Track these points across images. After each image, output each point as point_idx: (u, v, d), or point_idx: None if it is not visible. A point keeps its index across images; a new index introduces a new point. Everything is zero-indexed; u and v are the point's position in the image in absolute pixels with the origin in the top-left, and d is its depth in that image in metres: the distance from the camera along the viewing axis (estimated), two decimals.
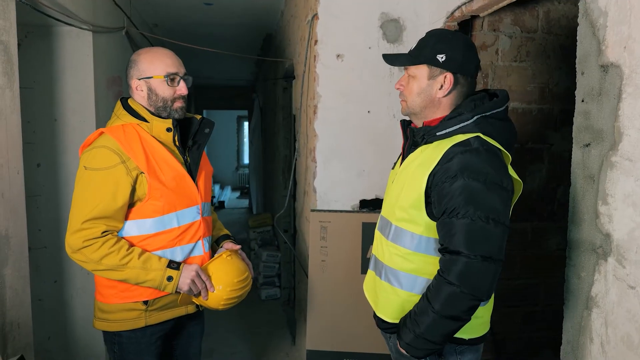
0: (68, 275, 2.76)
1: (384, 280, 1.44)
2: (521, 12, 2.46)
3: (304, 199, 2.80)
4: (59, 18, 2.31)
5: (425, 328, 1.28)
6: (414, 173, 1.37)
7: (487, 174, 1.26)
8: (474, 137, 1.32)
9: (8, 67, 1.72)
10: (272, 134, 5.07)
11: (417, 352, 1.33)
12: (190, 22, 4.40)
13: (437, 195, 1.30)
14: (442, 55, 1.36)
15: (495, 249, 1.25)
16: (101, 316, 1.61)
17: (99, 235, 1.47)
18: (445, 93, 1.39)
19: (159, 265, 1.51)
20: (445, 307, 1.26)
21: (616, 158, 1.19)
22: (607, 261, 1.23)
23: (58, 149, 2.68)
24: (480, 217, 1.24)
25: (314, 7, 2.35)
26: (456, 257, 1.25)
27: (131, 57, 1.64)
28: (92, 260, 1.47)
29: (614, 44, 1.20)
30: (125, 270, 1.48)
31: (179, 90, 1.60)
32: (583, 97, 1.31)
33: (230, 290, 1.59)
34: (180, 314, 1.66)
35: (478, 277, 1.25)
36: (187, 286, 1.54)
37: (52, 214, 2.70)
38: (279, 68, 4.30)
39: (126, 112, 1.60)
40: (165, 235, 1.56)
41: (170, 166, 1.57)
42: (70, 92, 2.67)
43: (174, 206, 1.57)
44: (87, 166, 1.51)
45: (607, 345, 1.23)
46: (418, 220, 1.36)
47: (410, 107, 1.44)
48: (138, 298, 1.56)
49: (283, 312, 4.18)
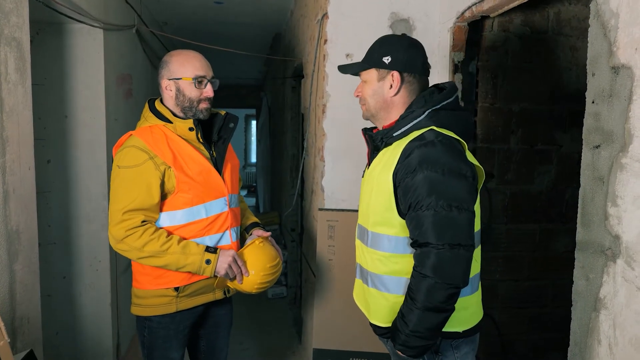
0: (77, 272, 2.78)
1: (371, 287, 1.47)
2: (531, 13, 2.45)
3: (311, 197, 2.81)
4: (71, 15, 2.33)
5: (413, 325, 1.31)
6: (379, 176, 1.41)
7: (445, 164, 1.30)
8: (428, 130, 1.37)
9: (20, 64, 1.74)
10: (280, 133, 5.08)
11: (412, 351, 1.35)
12: (200, 20, 4.42)
13: (402, 192, 1.34)
14: (388, 57, 1.44)
15: (462, 236, 1.29)
16: (136, 302, 1.73)
17: (139, 225, 1.59)
18: (395, 92, 1.45)
19: (197, 249, 1.63)
20: (427, 301, 1.28)
21: (626, 160, 1.19)
22: (616, 263, 1.22)
23: (68, 146, 2.71)
24: (443, 206, 1.28)
25: (324, 7, 2.36)
26: (427, 250, 1.29)
27: (163, 58, 1.74)
28: (135, 248, 1.58)
29: (625, 46, 1.19)
30: (166, 256, 1.59)
31: (205, 93, 1.71)
32: (593, 99, 1.31)
33: (263, 274, 1.70)
34: (208, 299, 1.77)
35: (450, 265, 1.28)
36: (224, 270, 1.64)
37: (61, 210, 2.73)
38: (287, 67, 4.30)
39: (152, 115, 1.72)
40: (194, 226, 1.67)
41: (196, 161, 1.68)
42: (81, 89, 2.70)
43: (202, 198, 1.68)
44: (119, 165, 1.64)
45: (615, 347, 1.23)
46: (392, 221, 1.39)
47: (368, 110, 1.51)
48: (170, 284, 1.68)
49: (289, 311, 4.19)
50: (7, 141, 1.65)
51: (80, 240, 2.77)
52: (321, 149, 2.39)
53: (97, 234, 2.78)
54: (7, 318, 1.61)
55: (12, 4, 1.69)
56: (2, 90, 1.62)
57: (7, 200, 1.64)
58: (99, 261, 2.80)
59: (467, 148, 1.41)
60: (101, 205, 2.77)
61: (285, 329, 3.81)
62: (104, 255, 2.80)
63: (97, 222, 2.78)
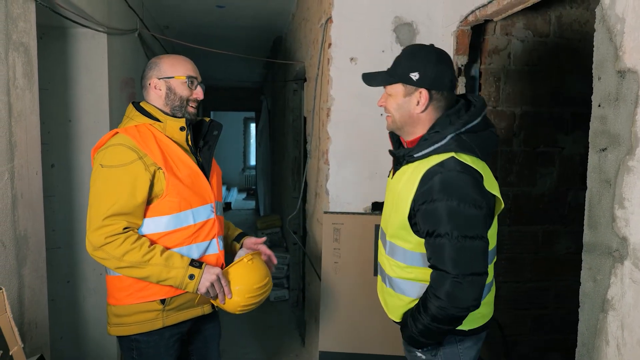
0: (81, 276, 2.78)
1: (389, 287, 1.52)
2: (533, 17, 2.47)
3: (315, 200, 2.82)
4: (76, 20, 2.34)
5: (421, 328, 1.38)
6: (399, 194, 1.43)
7: (461, 195, 1.31)
8: (448, 158, 1.35)
9: (28, 69, 1.75)
10: (281, 136, 5.09)
11: (417, 344, 1.44)
12: (201, 24, 4.43)
13: (421, 217, 1.36)
14: (415, 73, 1.40)
15: (477, 265, 1.33)
16: (116, 321, 1.60)
17: (120, 232, 1.48)
18: (422, 109, 1.42)
19: (181, 262, 1.51)
20: (436, 319, 1.34)
21: (633, 162, 1.20)
22: (623, 264, 1.24)
23: (72, 150, 2.72)
24: (459, 236, 1.31)
25: (327, 11, 2.37)
26: (443, 276, 1.32)
27: (151, 60, 1.69)
28: (114, 257, 1.47)
29: (631, 50, 1.21)
30: (147, 267, 1.48)
31: (196, 94, 1.67)
32: (600, 102, 1.32)
33: (248, 296, 1.59)
34: (197, 314, 1.67)
35: (464, 293, 1.32)
36: (205, 288, 1.53)
37: (66, 215, 2.73)
38: (289, 70, 4.32)
39: (139, 113, 1.63)
40: (181, 233, 1.57)
41: (185, 164, 1.60)
42: (85, 94, 2.71)
43: (189, 203, 1.58)
44: (103, 164, 1.52)
45: (623, 348, 1.24)
46: (408, 238, 1.42)
47: (394, 123, 1.49)
48: (154, 297, 1.56)
49: (292, 314, 4.19)
50: (16, 146, 1.65)
51: (84, 244, 2.75)
52: (326, 152, 2.40)
53: None
54: (16, 323, 1.61)
55: (20, 9, 1.70)
56: (11, 96, 1.62)
57: (16, 205, 1.65)
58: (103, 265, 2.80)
59: (489, 171, 1.41)
60: None
61: (287, 332, 3.81)
62: None
63: None
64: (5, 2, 1.60)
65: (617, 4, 1.25)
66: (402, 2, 2.32)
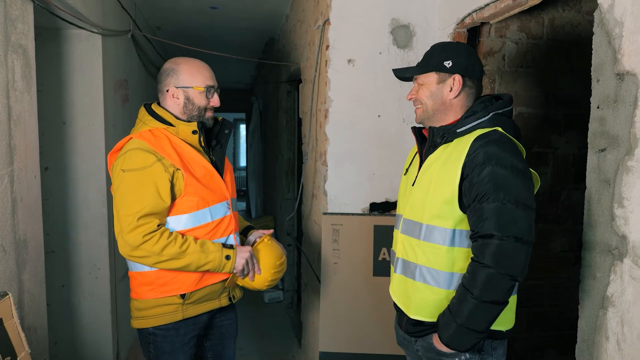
0: (76, 280, 2.76)
1: (419, 281, 1.47)
2: (527, 19, 2.50)
3: (312, 202, 2.83)
4: (72, 21, 2.32)
5: (467, 317, 1.32)
6: (440, 171, 1.44)
7: (511, 162, 1.35)
8: (493, 129, 1.41)
9: (27, 71, 1.74)
10: (274, 137, 5.09)
11: (461, 344, 1.36)
12: (194, 25, 4.42)
13: (468, 184, 1.37)
14: (449, 62, 1.48)
15: (525, 230, 1.32)
16: (138, 314, 1.68)
17: (155, 229, 1.55)
18: (455, 94, 1.49)
19: (215, 247, 1.62)
20: (484, 291, 1.30)
21: (632, 163, 1.23)
22: (623, 262, 1.27)
23: (66, 153, 2.69)
24: (510, 200, 1.32)
25: (325, 13, 2.38)
26: (488, 241, 1.31)
27: (168, 66, 1.71)
28: (154, 253, 1.54)
29: (630, 53, 1.23)
30: (186, 257, 1.56)
31: (213, 102, 1.73)
32: (598, 104, 1.35)
33: (273, 272, 1.73)
34: (214, 307, 1.74)
35: (512, 257, 1.31)
36: (242, 265, 1.65)
37: (60, 218, 2.71)
38: (282, 72, 4.32)
39: (152, 118, 1.68)
40: (200, 230, 1.65)
41: (200, 164, 1.66)
42: (79, 96, 2.69)
43: (207, 202, 1.65)
44: (124, 169, 1.57)
45: (623, 343, 1.27)
46: (449, 214, 1.42)
47: (425, 112, 1.53)
48: (176, 292, 1.64)
49: (287, 315, 4.20)
50: (15, 149, 1.64)
51: (79, 248, 2.75)
52: (324, 154, 2.41)
53: (96, 241, 2.77)
54: None
55: (18, 11, 1.69)
56: (10, 98, 1.61)
57: (15, 209, 1.63)
58: (98, 269, 2.78)
59: (525, 154, 1.45)
60: (100, 212, 2.76)
61: (283, 333, 3.82)
62: (103, 263, 2.79)
63: (96, 229, 2.76)
64: (4, 3, 1.58)
65: (615, 8, 1.28)
66: (399, 5, 2.34)
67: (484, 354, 1.44)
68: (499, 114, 1.45)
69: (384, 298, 2.18)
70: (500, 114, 1.45)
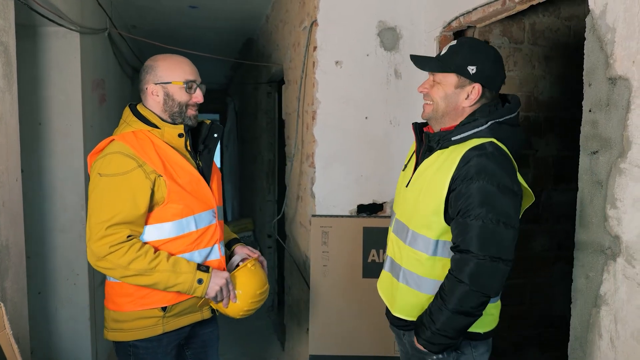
0: (52, 287, 2.66)
1: (402, 282, 1.49)
2: (509, 24, 2.56)
3: (297, 204, 2.81)
4: (52, 18, 2.24)
5: (440, 325, 1.35)
6: (432, 179, 1.42)
7: (501, 179, 1.33)
8: (488, 142, 1.38)
9: (8, 70, 1.67)
10: (253, 138, 5.04)
11: (434, 347, 1.40)
12: (171, 24, 4.34)
13: (454, 197, 1.36)
14: (473, 67, 1.40)
15: (504, 250, 1.33)
16: (114, 326, 1.57)
17: (124, 240, 1.46)
18: (471, 103, 1.44)
19: (188, 267, 1.51)
20: (458, 305, 1.33)
21: (625, 165, 1.27)
22: (616, 261, 1.30)
23: (43, 155, 2.59)
24: (492, 219, 1.32)
25: (312, 14, 2.37)
26: (467, 257, 1.32)
27: (146, 63, 1.64)
28: (119, 266, 1.44)
29: (622, 58, 1.27)
30: (154, 274, 1.46)
31: (195, 98, 1.62)
32: (590, 107, 1.39)
33: (251, 301, 1.61)
34: (196, 319, 1.65)
35: (487, 276, 1.32)
36: (214, 292, 1.53)
37: (36, 222, 2.60)
38: (262, 72, 4.29)
39: (136, 119, 1.59)
40: (183, 240, 1.56)
41: (185, 170, 1.58)
42: (56, 95, 2.59)
43: (192, 209, 1.57)
44: (102, 173, 1.49)
45: (617, 341, 1.30)
46: (435, 225, 1.41)
47: (435, 112, 1.47)
48: (157, 304, 1.54)
49: (267, 318, 4.16)
50: None
51: (56, 253, 2.65)
52: (311, 155, 2.40)
53: (74, 246, 2.67)
54: None
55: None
56: None
57: None
58: (77, 274, 2.69)
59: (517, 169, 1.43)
60: (78, 216, 2.67)
61: (265, 336, 3.78)
62: (81, 268, 2.69)
63: (74, 233, 2.67)
64: None
65: (607, 14, 1.31)
66: (386, 7, 2.35)
67: (461, 353, 1.47)
68: (499, 122, 1.41)
69: (374, 299, 2.18)
70: (501, 122, 1.41)
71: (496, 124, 1.41)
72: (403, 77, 2.38)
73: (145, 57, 5.62)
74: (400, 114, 2.39)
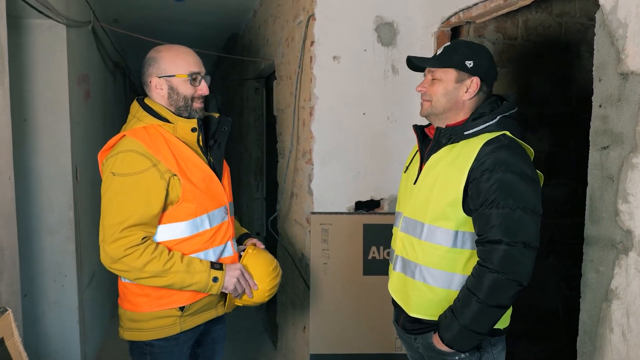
0: (40, 289, 2.57)
1: (418, 280, 1.47)
2: (503, 20, 2.57)
3: (291, 201, 2.77)
4: (39, 9, 2.14)
5: (470, 319, 1.34)
6: (446, 171, 1.43)
7: (520, 168, 1.37)
8: (502, 134, 1.43)
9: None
10: (239, 135, 4.97)
11: (463, 345, 1.38)
12: (154, 18, 4.23)
13: (475, 189, 1.38)
14: (471, 62, 1.48)
15: (532, 237, 1.35)
16: (131, 326, 1.56)
17: (139, 242, 1.43)
18: (470, 96, 1.49)
19: (202, 267, 1.50)
20: (490, 295, 1.32)
21: (638, 160, 1.28)
22: (628, 256, 1.31)
23: (28, 152, 2.49)
24: (519, 207, 1.34)
25: (308, 8, 2.34)
26: (497, 246, 1.33)
27: (149, 55, 1.58)
28: (135, 269, 1.43)
29: (635, 54, 1.28)
30: (169, 276, 1.46)
31: (200, 90, 1.58)
32: (601, 103, 1.39)
33: (269, 280, 1.64)
34: (212, 316, 1.66)
35: (519, 262, 1.33)
36: (233, 285, 1.54)
37: (22, 223, 2.49)
38: (248, 68, 4.22)
39: (147, 114, 1.54)
40: (198, 238, 1.54)
41: (198, 167, 1.55)
42: (42, 90, 2.49)
43: (205, 208, 1.55)
44: (115, 172, 1.45)
45: (629, 334, 1.32)
46: (451, 216, 1.42)
47: (434, 108, 1.52)
48: (175, 304, 1.53)
49: (257, 317, 4.11)
50: None
51: (43, 254, 2.55)
52: (308, 152, 2.37)
53: (61, 247, 2.58)
54: None
55: None
56: None
57: None
58: (65, 276, 2.60)
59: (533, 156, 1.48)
60: (66, 216, 2.58)
61: (255, 335, 3.74)
62: (69, 270, 2.61)
63: (62, 234, 2.58)
64: None
65: (619, 10, 1.32)
66: (383, 2, 2.33)
67: (483, 351, 1.47)
68: (506, 116, 1.47)
69: (375, 297, 2.17)
70: (507, 116, 1.47)
71: (504, 117, 1.47)
72: (400, 73, 2.37)
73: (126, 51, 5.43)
74: (397, 110, 2.38)
